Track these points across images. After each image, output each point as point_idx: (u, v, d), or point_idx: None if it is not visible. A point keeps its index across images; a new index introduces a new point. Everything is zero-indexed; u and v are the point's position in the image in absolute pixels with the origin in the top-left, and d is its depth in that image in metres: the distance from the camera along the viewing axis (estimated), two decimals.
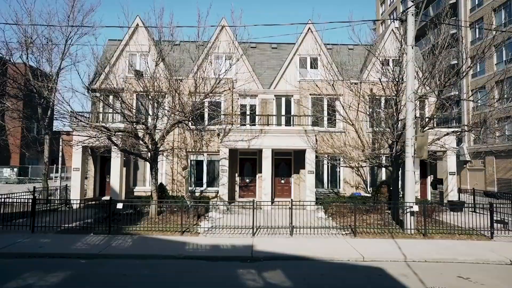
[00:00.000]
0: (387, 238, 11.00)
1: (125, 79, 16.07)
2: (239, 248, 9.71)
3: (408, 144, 11.62)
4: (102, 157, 18.86)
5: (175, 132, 17.80)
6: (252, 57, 20.26)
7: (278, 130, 17.13)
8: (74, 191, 16.48)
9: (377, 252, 9.40)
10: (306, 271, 7.98)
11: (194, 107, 12.59)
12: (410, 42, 11.75)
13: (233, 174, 18.78)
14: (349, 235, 11.35)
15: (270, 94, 19.45)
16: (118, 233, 11.00)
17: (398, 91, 13.17)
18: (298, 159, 18.87)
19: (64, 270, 7.74)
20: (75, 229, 11.26)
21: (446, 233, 11.35)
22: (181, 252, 9.18)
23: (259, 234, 11.32)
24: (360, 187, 18.58)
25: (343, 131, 18.65)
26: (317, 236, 11.21)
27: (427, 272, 7.93)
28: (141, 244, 10.02)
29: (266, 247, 9.73)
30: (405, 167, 11.69)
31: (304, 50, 19.50)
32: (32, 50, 15.28)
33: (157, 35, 13.44)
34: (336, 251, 9.52)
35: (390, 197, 14.51)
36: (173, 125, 13.39)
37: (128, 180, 18.35)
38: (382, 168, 18.81)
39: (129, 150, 12.91)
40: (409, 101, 11.65)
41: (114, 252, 9.15)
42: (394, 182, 13.64)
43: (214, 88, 13.04)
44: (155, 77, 12.79)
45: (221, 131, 16.91)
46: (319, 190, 18.20)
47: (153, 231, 11.31)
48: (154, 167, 13.62)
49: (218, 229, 11.69)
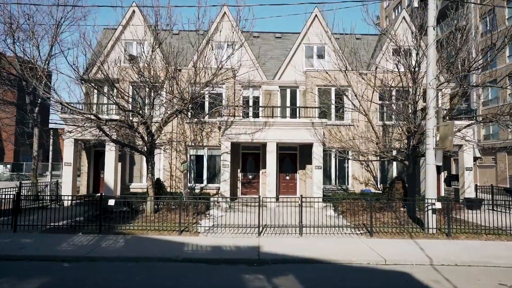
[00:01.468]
0: (407, 239, 9.96)
1: (120, 69, 14.94)
2: (244, 249, 8.67)
3: (429, 135, 10.57)
4: (96, 151, 17.81)
5: (173, 124, 16.75)
6: (255, 47, 19.15)
7: (284, 123, 16.05)
8: (66, 188, 15.41)
9: (398, 254, 8.37)
10: (322, 276, 6.95)
11: (194, 94, 11.52)
12: (431, 23, 10.67)
13: (235, 169, 17.73)
14: (365, 235, 10.31)
15: (274, 85, 18.37)
16: (110, 233, 9.95)
17: (415, 78, 12.11)
18: (304, 154, 17.81)
19: (43, 276, 6.71)
20: (62, 228, 10.20)
21: (472, 232, 10.31)
22: (179, 254, 8.14)
23: (265, 233, 10.29)
24: (370, 184, 17.53)
25: (352, 124, 17.60)
26: (329, 236, 10.18)
27: (461, 278, 6.89)
28: (135, 244, 8.97)
29: (274, 248, 8.70)
30: (426, 160, 10.64)
31: (310, 38, 18.42)
32: (19, 35, 14.19)
33: (154, 17, 12.35)
34: (353, 253, 8.49)
35: (405, 193, 13.47)
36: (171, 115, 12.34)
37: (123, 176, 17.28)
38: (393, 163, 17.81)
39: (122, 142, 11.87)
40: (430, 88, 10.58)
41: (103, 254, 8.11)
42: (410, 177, 12.61)
43: (216, 74, 11.98)
44: (151, 63, 11.72)
45: (223, 124, 15.84)
46: (327, 187, 17.15)
47: (148, 231, 10.27)
48: (150, 161, 12.58)
49: (220, 228, 10.64)
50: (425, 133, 10.69)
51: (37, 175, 15.49)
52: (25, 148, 32.35)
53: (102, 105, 16.45)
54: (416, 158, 12.70)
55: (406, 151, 12.16)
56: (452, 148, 10.13)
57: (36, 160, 15.31)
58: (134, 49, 16.95)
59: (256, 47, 19.14)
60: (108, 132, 11.68)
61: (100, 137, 11.74)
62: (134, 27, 14.67)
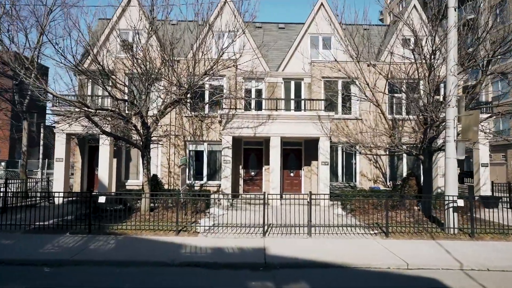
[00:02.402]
0: (426, 239, 9.06)
1: (115, 61, 13.97)
2: (248, 251, 7.78)
3: (449, 126, 9.66)
4: (91, 147, 16.91)
5: (171, 116, 15.85)
6: (258, 38, 18.18)
7: (289, 116, 15.12)
8: (57, 185, 14.51)
9: (421, 257, 7.47)
10: (339, 283, 6.06)
11: (193, 82, 10.60)
12: (452, 3, 9.76)
13: (237, 166, 16.83)
14: (379, 235, 9.41)
15: (278, 77, 17.44)
16: (101, 233, 9.06)
17: (431, 66, 11.17)
18: (309, 150, 16.90)
19: (17, 283, 5.81)
20: (48, 228, 9.28)
21: (498, 233, 9.40)
22: (176, 257, 7.25)
23: (270, 233, 9.39)
24: (379, 181, 16.63)
25: (360, 118, 16.68)
26: (341, 236, 9.28)
27: (500, 287, 5.99)
28: (127, 246, 8.08)
29: (282, 251, 7.81)
30: (446, 154, 9.73)
31: (316, 27, 17.46)
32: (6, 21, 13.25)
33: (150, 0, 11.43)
34: (369, 255, 7.59)
35: (419, 190, 12.58)
36: (169, 106, 11.43)
37: (119, 172, 16.39)
38: (403, 159, 16.92)
39: (115, 134, 10.96)
40: (451, 74, 9.67)
41: (90, 258, 7.22)
42: (426, 172, 11.70)
43: (218, 59, 11.06)
44: (146, 48, 10.81)
45: (224, 117, 14.92)
46: (333, 184, 16.24)
47: (143, 230, 9.37)
48: (146, 155, 11.68)
49: (221, 227, 9.75)
50: (445, 123, 9.79)
51: (26, 171, 14.60)
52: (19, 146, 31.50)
53: (97, 97, 15.51)
54: (432, 152, 11.80)
55: (422, 144, 11.25)
56: (477, 139, 9.26)
57: (25, 155, 14.41)
58: (130, 38, 16.02)
59: (259, 38, 18.19)
60: (99, 123, 10.76)
61: (90, 129, 10.83)
62: (129, 13, 13.75)
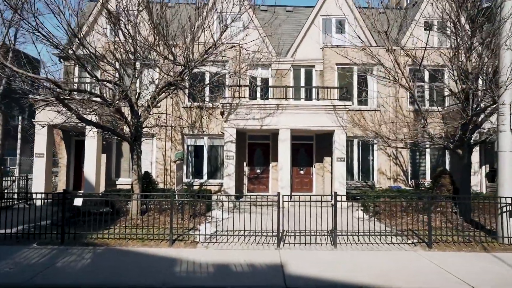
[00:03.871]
0: (479, 251, 7.34)
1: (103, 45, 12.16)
2: (262, 270, 6.05)
3: (503, 113, 7.95)
4: (78, 141, 15.14)
5: (167, 104, 14.09)
6: (263, 22, 16.39)
7: (300, 106, 13.35)
8: (37, 183, 12.78)
9: (487, 278, 5.75)
10: None
11: (191, 59, 8.83)
12: None
13: (241, 163, 15.08)
14: (420, 246, 7.69)
15: (286, 63, 15.66)
16: (76, 243, 7.33)
17: (471, 44, 9.42)
18: (321, 145, 15.17)
19: None
20: (11, 237, 7.52)
21: None
22: (168, 279, 5.52)
23: (285, 243, 7.67)
24: (399, 179, 14.90)
25: (378, 109, 14.95)
26: (372, 247, 7.55)
27: None
28: (106, 261, 6.34)
29: (304, 268, 6.08)
30: (499, 146, 8.01)
31: (328, 9, 15.71)
32: None
33: None
34: (418, 275, 5.86)
35: (455, 190, 10.86)
36: (163, 90, 9.68)
37: (109, 169, 14.62)
38: (426, 155, 15.19)
39: (96, 123, 9.21)
40: (507, 48, 7.93)
41: (54, 280, 5.47)
42: (466, 170, 9.97)
43: (222, 34, 9.30)
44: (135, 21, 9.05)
45: (226, 107, 13.16)
46: (349, 183, 14.48)
47: (129, 240, 7.63)
48: (136, 149, 9.94)
49: (225, 236, 8.02)
50: (498, 110, 8.06)
51: (1, 168, 12.84)
52: (9, 142, 29.76)
53: (84, 84, 13.72)
54: (472, 146, 10.07)
55: (463, 136, 9.52)
56: None
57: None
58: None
59: (264, 22, 16.38)
60: (81, 111, 9.00)
61: (70, 118, 9.05)
62: None
